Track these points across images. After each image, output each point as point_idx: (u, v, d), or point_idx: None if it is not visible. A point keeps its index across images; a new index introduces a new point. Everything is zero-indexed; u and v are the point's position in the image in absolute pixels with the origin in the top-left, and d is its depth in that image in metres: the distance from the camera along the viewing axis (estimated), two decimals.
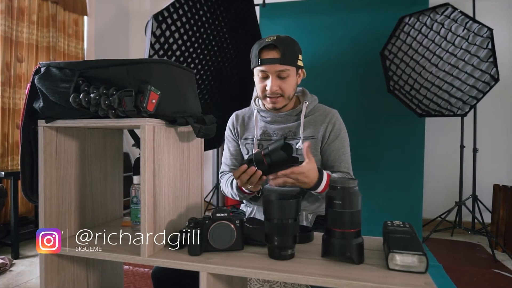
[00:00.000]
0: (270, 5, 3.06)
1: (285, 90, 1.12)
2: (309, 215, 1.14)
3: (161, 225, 0.80)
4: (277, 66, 1.08)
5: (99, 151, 0.99)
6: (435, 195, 2.89)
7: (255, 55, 1.11)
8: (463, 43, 2.21)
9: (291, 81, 1.13)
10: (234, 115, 1.29)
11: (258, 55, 1.09)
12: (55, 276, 0.86)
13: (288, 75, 1.11)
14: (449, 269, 1.99)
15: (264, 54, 1.09)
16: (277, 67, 1.08)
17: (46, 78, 0.76)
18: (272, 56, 1.08)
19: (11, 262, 2.04)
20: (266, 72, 1.10)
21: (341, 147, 1.16)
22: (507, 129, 2.83)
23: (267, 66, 1.09)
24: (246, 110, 1.29)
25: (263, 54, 1.09)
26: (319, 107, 1.21)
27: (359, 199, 0.69)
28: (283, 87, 1.11)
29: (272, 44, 1.08)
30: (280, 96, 1.12)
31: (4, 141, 2.48)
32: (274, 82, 1.10)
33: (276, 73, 1.09)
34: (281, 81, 1.11)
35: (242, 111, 1.29)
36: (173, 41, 2.28)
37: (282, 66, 1.08)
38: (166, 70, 0.78)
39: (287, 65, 1.09)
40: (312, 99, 1.21)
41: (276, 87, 1.10)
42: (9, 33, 2.49)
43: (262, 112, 1.20)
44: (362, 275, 0.63)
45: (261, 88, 1.14)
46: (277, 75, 1.10)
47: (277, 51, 1.08)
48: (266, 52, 1.09)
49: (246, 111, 1.28)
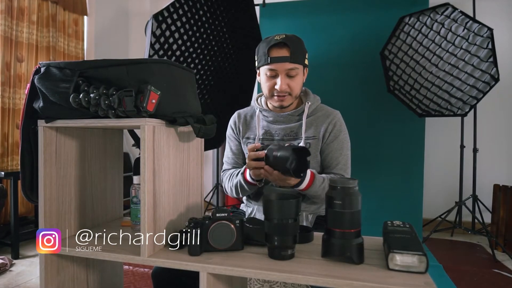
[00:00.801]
0: (270, 5, 3.06)
1: (293, 88, 1.12)
2: (309, 215, 1.14)
3: (161, 225, 0.80)
4: (287, 65, 1.08)
5: (99, 151, 0.99)
6: (435, 195, 2.89)
7: (263, 53, 1.11)
8: (463, 43, 2.21)
9: (299, 80, 1.13)
10: (236, 114, 1.29)
11: (267, 53, 1.09)
12: (55, 276, 0.85)
13: (297, 73, 1.11)
14: (449, 269, 1.99)
15: (274, 53, 1.09)
16: (287, 65, 1.08)
17: (46, 78, 0.76)
18: (282, 54, 1.08)
19: (11, 262, 2.04)
20: (276, 71, 1.10)
21: (339, 148, 1.15)
22: (507, 129, 2.83)
23: (277, 65, 1.08)
24: (248, 109, 1.29)
25: (272, 53, 1.09)
26: (321, 107, 1.21)
27: (359, 199, 0.69)
28: (292, 85, 1.11)
29: (282, 42, 1.07)
30: (288, 95, 1.12)
31: (4, 141, 2.48)
32: (284, 80, 1.09)
33: (286, 71, 1.09)
34: (290, 79, 1.11)
35: (244, 110, 1.29)
36: (173, 41, 2.28)
37: (292, 64, 1.08)
38: (166, 70, 0.78)
39: (296, 64, 1.09)
40: (315, 99, 1.20)
41: (285, 85, 1.10)
42: (9, 33, 2.50)
43: (264, 111, 1.20)
44: (362, 275, 0.63)
45: (269, 86, 1.13)
46: (286, 73, 1.10)
47: (286, 49, 1.07)
48: (276, 51, 1.08)
49: (248, 110, 1.28)
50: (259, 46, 1.15)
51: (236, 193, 1.16)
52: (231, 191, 1.18)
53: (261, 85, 1.19)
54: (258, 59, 1.15)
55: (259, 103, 1.24)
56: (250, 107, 1.29)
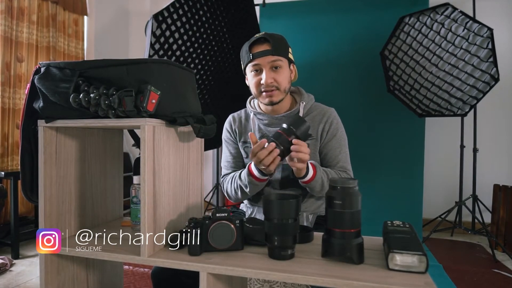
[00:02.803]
0: (270, 5, 3.06)
1: (280, 82, 1.11)
2: (310, 215, 1.13)
3: (161, 225, 0.80)
4: (269, 58, 1.08)
5: (99, 151, 0.99)
6: (435, 195, 2.89)
7: (245, 51, 1.12)
8: (463, 43, 2.21)
9: (285, 73, 1.12)
10: (230, 117, 1.27)
11: (249, 51, 1.10)
12: (55, 276, 0.86)
13: (281, 65, 1.11)
14: (449, 269, 1.99)
15: (255, 49, 1.10)
16: (270, 58, 1.09)
17: (46, 78, 0.76)
18: (263, 48, 1.09)
19: (11, 262, 2.04)
20: (259, 65, 1.10)
21: (338, 146, 1.15)
22: (507, 129, 2.83)
23: (260, 59, 1.09)
24: (242, 112, 1.27)
25: (254, 49, 1.10)
26: (316, 106, 1.20)
27: (359, 199, 0.69)
28: (278, 79, 1.10)
29: (262, 38, 1.09)
30: (276, 89, 1.11)
31: (4, 141, 2.48)
32: (268, 74, 1.09)
33: (269, 64, 1.09)
34: (275, 73, 1.10)
35: (238, 113, 1.27)
36: (173, 41, 2.28)
37: (274, 56, 1.09)
38: (166, 70, 0.78)
39: (279, 56, 1.10)
40: (309, 98, 1.19)
41: (271, 79, 1.09)
42: (9, 33, 2.50)
43: (259, 115, 1.18)
44: (362, 275, 0.63)
45: (255, 83, 1.13)
46: (271, 66, 1.10)
47: (267, 44, 1.09)
48: (257, 46, 1.10)
49: (242, 113, 1.26)
50: (242, 48, 1.16)
51: (243, 195, 1.13)
52: (236, 194, 1.14)
53: (250, 86, 1.17)
54: (242, 59, 1.16)
55: (253, 106, 1.23)
56: (244, 110, 1.27)
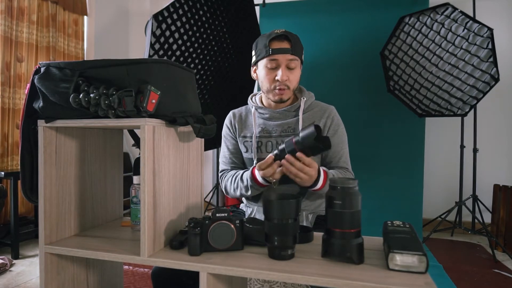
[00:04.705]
0: (270, 5, 3.06)
1: (292, 81, 1.14)
2: (309, 215, 1.14)
3: (161, 225, 0.80)
4: (288, 56, 1.10)
5: (99, 151, 0.99)
6: (435, 195, 2.89)
7: (264, 45, 1.12)
8: (463, 43, 2.21)
9: (297, 74, 1.15)
10: (231, 113, 1.29)
11: (268, 45, 1.11)
12: (55, 276, 0.86)
13: (296, 66, 1.13)
14: (449, 269, 1.99)
15: (275, 45, 1.11)
16: (288, 56, 1.10)
17: (46, 78, 0.76)
18: (283, 46, 1.10)
19: (11, 262, 2.04)
20: (277, 61, 1.11)
21: (339, 142, 1.16)
22: (507, 129, 2.83)
23: (279, 55, 1.10)
24: (242, 108, 1.29)
25: (273, 45, 1.11)
26: (316, 103, 1.22)
27: (359, 199, 0.69)
28: (291, 78, 1.13)
29: (283, 35, 1.10)
30: (287, 89, 1.14)
31: (4, 141, 2.48)
32: (284, 72, 1.11)
33: (286, 62, 1.11)
34: (290, 72, 1.13)
35: (239, 109, 1.29)
36: (173, 41, 2.28)
37: (292, 56, 1.11)
38: (166, 70, 0.78)
39: (296, 56, 1.12)
40: (310, 95, 1.21)
41: (286, 77, 1.12)
42: (9, 33, 2.49)
43: (260, 109, 1.20)
44: (362, 275, 0.63)
45: (269, 79, 1.14)
46: (287, 65, 1.11)
47: (287, 42, 1.10)
48: (277, 43, 1.11)
49: (243, 109, 1.28)
50: (257, 41, 1.16)
51: (242, 195, 1.15)
52: (235, 193, 1.16)
53: (259, 79, 1.18)
54: (258, 52, 1.16)
55: (254, 101, 1.25)
56: (245, 106, 1.29)
